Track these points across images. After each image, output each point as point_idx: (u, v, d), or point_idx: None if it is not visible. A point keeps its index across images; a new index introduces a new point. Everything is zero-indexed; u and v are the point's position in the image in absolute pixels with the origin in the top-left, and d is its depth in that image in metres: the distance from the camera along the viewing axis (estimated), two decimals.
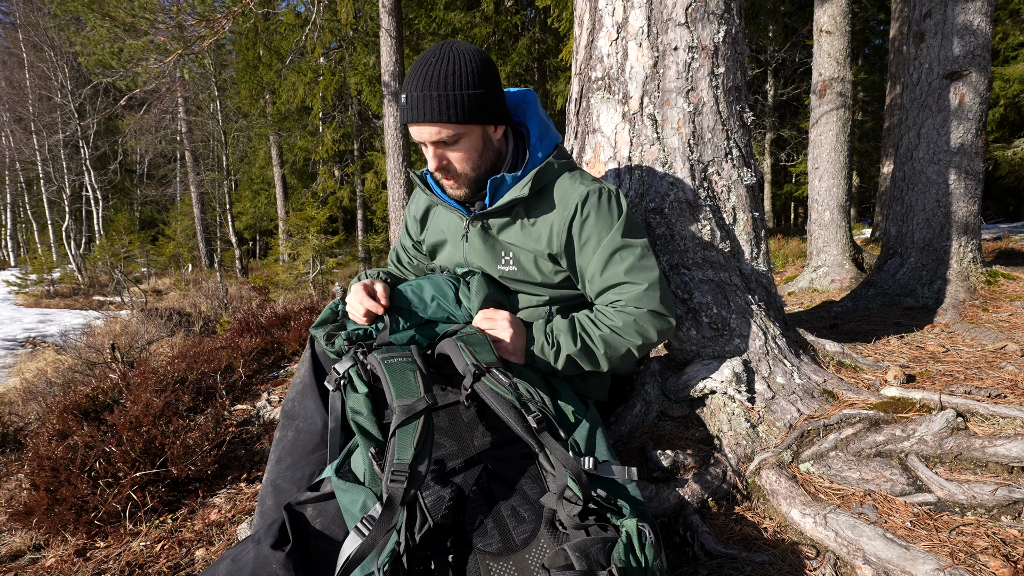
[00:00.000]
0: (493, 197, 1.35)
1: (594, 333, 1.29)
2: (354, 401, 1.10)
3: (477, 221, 1.40)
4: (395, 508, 0.87)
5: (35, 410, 3.82)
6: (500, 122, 1.32)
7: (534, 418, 0.99)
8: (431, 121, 1.21)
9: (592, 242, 1.32)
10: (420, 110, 1.21)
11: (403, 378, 1.05)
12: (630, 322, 1.29)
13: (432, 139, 1.24)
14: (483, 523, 0.96)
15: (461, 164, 1.30)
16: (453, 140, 1.25)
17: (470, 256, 1.44)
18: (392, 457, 0.92)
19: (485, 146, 1.31)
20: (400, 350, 1.13)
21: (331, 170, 17.89)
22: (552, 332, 1.29)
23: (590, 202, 1.31)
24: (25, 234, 29.15)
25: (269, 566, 0.96)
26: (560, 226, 1.32)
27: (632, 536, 0.90)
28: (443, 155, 1.28)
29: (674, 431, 1.58)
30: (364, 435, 1.05)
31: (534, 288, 1.42)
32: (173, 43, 6.88)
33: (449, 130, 1.23)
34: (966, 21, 3.03)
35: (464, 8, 10.69)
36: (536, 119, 1.38)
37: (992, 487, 1.19)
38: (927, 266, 3.16)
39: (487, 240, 1.40)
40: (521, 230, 1.37)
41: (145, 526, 1.72)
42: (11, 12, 22.11)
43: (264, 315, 3.84)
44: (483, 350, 1.14)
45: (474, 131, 1.27)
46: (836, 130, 5.14)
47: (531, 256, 1.37)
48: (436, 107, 1.20)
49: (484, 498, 1.00)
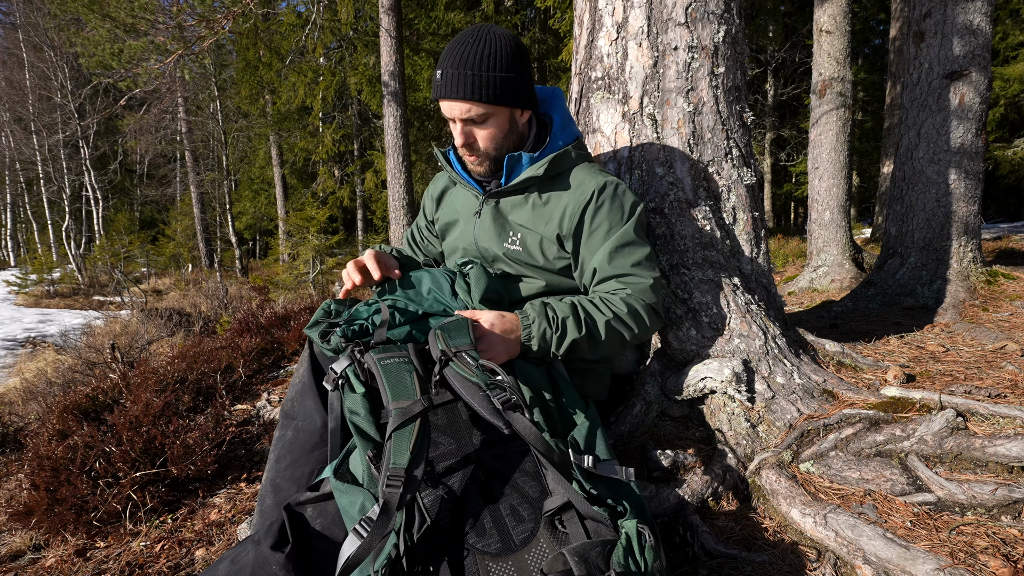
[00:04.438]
0: (509, 176, 1.39)
1: (599, 319, 1.28)
2: (351, 401, 1.09)
3: (492, 199, 1.44)
4: (391, 513, 0.86)
5: (35, 410, 3.82)
6: (527, 107, 1.37)
7: (499, 399, 0.97)
8: (463, 98, 1.26)
9: (602, 230, 1.35)
10: (453, 86, 1.25)
11: (399, 379, 1.04)
12: (635, 311, 1.31)
13: (462, 116, 1.29)
14: (482, 523, 0.96)
15: (485, 143, 1.35)
16: (482, 119, 1.30)
17: (479, 233, 1.46)
18: (388, 461, 0.91)
19: (511, 128, 1.36)
20: (397, 349, 1.12)
21: (331, 170, 17.88)
22: (556, 317, 1.26)
23: (607, 192, 1.35)
24: (25, 234, 29.16)
25: (269, 567, 0.96)
26: (574, 208, 1.35)
27: (632, 538, 0.89)
28: (470, 132, 1.33)
29: (674, 431, 1.58)
30: (362, 436, 1.05)
31: (534, 272, 1.44)
32: (173, 43, 6.88)
33: (479, 108, 1.28)
34: (966, 21, 3.03)
35: (464, 8, 10.69)
36: (561, 111, 1.43)
37: (992, 487, 1.19)
38: (927, 266, 3.16)
39: (497, 218, 1.43)
40: (532, 210, 1.40)
41: (145, 526, 1.72)
42: (11, 12, 22.12)
43: (264, 315, 3.84)
44: (458, 335, 1.11)
45: (502, 113, 1.32)
46: (836, 130, 5.14)
47: (537, 238, 1.40)
48: (469, 85, 1.25)
49: (483, 497, 1.00)
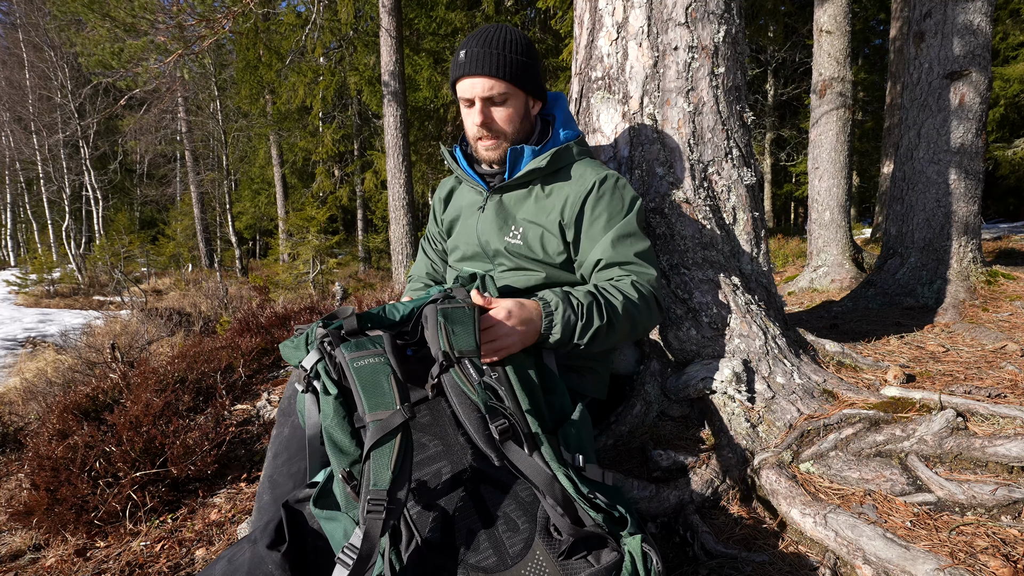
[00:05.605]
0: (512, 170, 1.42)
1: (617, 304, 1.23)
2: (324, 404, 0.99)
3: (496, 195, 1.47)
4: (374, 542, 0.80)
5: (35, 410, 3.82)
6: (539, 98, 1.43)
7: (498, 427, 0.89)
8: (488, 74, 1.30)
9: (603, 220, 1.36)
10: (479, 63, 1.30)
11: (375, 385, 0.93)
12: (643, 298, 1.29)
13: (484, 94, 1.32)
14: (475, 535, 0.89)
15: (503, 123, 1.37)
16: (501, 99, 1.34)
17: (481, 228, 1.48)
18: (368, 483, 0.83)
19: (525, 115, 1.41)
20: (372, 345, 0.99)
21: (331, 170, 17.88)
22: (581, 304, 1.19)
23: (608, 183, 1.38)
24: (25, 234, 29.14)
25: (265, 566, 0.96)
26: (575, 198, 1.38)
27: (637, 561, 0.84)
28: (488, 112, 1.36)
29: (674, 431, 1.58)
30: (335, 448, 0.95)
31: (534, 265, 1.44)
32: (173, 43, 6.88)
33: (501, 87, 1.32)
34: (966, 21, 3.03)
35: (464, 8, 10.68)
36: (563, 111, 1.49)
37: (992, 487, 1.19)
38: (927, 266, 3.16)
39: (500, 212, 1.46)
40: (535, 203, 1.43)
41: (145, 526, 1.72)
42: (11, 12, 22.11)
43: (264, 315, 3.84)
44: (463, 332, 0.99)
45: (519, 96, 1.37)
46: (836, 130, 5.14)
47: (539, 232, 1.41)
48: (495, 62, 1.30)
49: (474, 505, 0.93)
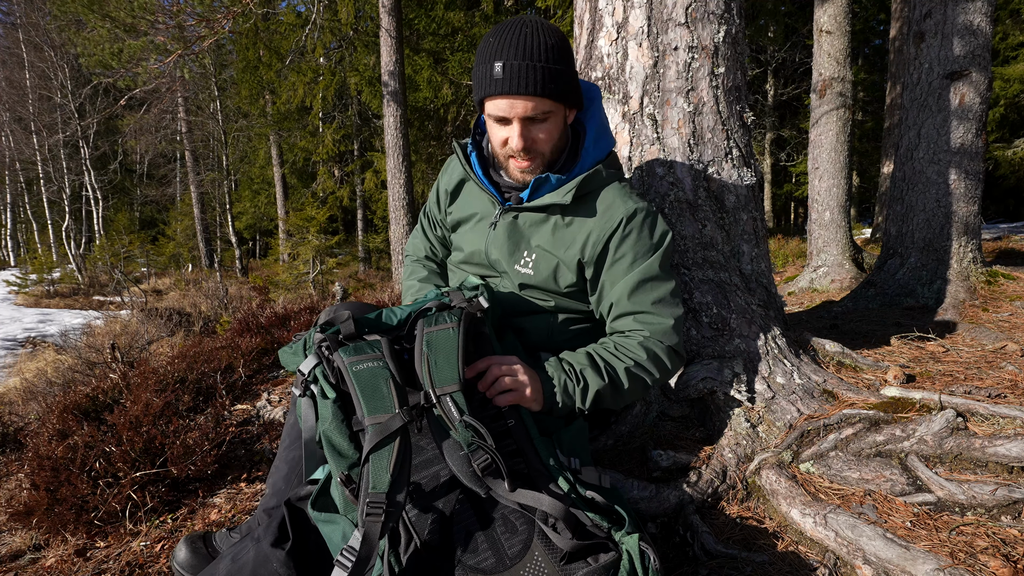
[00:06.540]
0: (533, 193, 1.27)
1: (619, 366, 1.20)
2: (323, 407, 1.00)
3: (510, 214, 1.32)
4: (373, 544, 0.81)
5: (35, 410, 3.81)
6: (575, 106, 1.24)
7: (480, 464, 0.91)
8: (532, 94, 1.10)
9: (625, 261, 1.25)
10: (521, 79, 1.09)
11: (374, 389, 0.94)
12: (654, 356, 1.23)
13: (525, 114, 1.14)
14: (473, 537, 0.90)
15: (544, 143, 1.20)
16: (543, 117, 1.16)
17: (491, 244, 1.35)
18: (367, 486, 0.85)
19: (564, 129, 1.24)
20: (370, 349, 1.00)
21: (331, 170, 17.89)
22: (575, 369, 1.17)
23: (635, 220, 1.25)
24: (25, 234, 29.16)
25: (269, 564, 0.96)
26: (599, 235, 1.25)
27: (634, 559, 0.85)
28: (528, 133, 1.18)
29: (674, 431, 1.58)
30: (333, 450, 0.96)
31: (544, 294, 1.36)
32: (173, 43, 6.88)
33: (545, 105, 1.14)
34: (966, 21, 3.03)
35: (464, 8, 10.67)
36: (596, 120, 1.29)
37: (992, 487, 1.19)
38: (927, 266, 3.16)
39: (513, 234, 1.32)
40: (553, 233, 1.29)
41: (145, 526, 1.72)
42: (11, 12, 22.12)
43: (264, 315, 3.84)
44: (445, 364, 0.99)
45: (560, 111, 1.19)
46: (836, 130, 5.14)
47: (554, 262, 1.30)
48: (539, 79, 1.10)
49: (472, 507, 0.94)
